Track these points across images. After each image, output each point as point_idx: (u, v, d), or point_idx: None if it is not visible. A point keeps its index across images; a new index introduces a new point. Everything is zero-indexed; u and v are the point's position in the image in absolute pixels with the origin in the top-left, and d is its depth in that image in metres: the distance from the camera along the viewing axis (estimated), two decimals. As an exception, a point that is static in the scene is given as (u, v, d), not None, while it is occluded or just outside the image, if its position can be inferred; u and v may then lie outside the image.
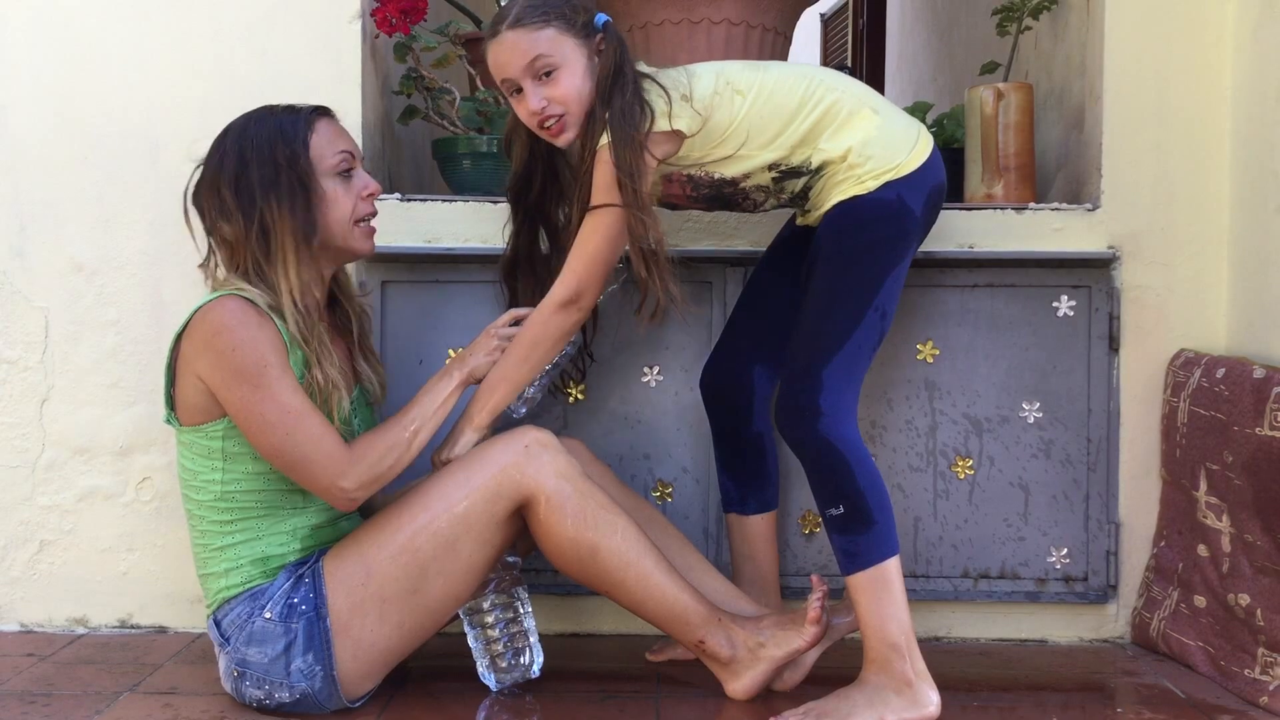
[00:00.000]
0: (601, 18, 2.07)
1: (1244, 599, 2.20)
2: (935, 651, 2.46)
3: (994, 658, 2.44)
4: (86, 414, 2.55)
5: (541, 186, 2.25)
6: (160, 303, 2.52)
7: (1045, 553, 2.52)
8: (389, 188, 2.69)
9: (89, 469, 2.55)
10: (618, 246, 2.07)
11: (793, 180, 2.13)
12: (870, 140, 2.08)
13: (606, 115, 2.02)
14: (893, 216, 2.08)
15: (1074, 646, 2.52)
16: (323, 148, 2.06)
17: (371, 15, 2.55)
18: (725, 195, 2.17)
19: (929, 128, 2.81)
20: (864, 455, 2.02)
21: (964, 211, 2.54)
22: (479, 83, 2.74)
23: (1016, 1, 2.74)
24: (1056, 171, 2.77)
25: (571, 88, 2.03)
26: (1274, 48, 2.35)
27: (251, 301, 1.98)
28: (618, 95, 2.02)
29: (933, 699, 1.99)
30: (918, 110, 2.85)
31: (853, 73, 4.27)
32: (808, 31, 8.17)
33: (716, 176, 2.13)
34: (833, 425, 2.01)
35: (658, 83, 2.06)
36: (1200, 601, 2.33)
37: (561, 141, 2.10)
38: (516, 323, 2.16)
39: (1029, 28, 2.77)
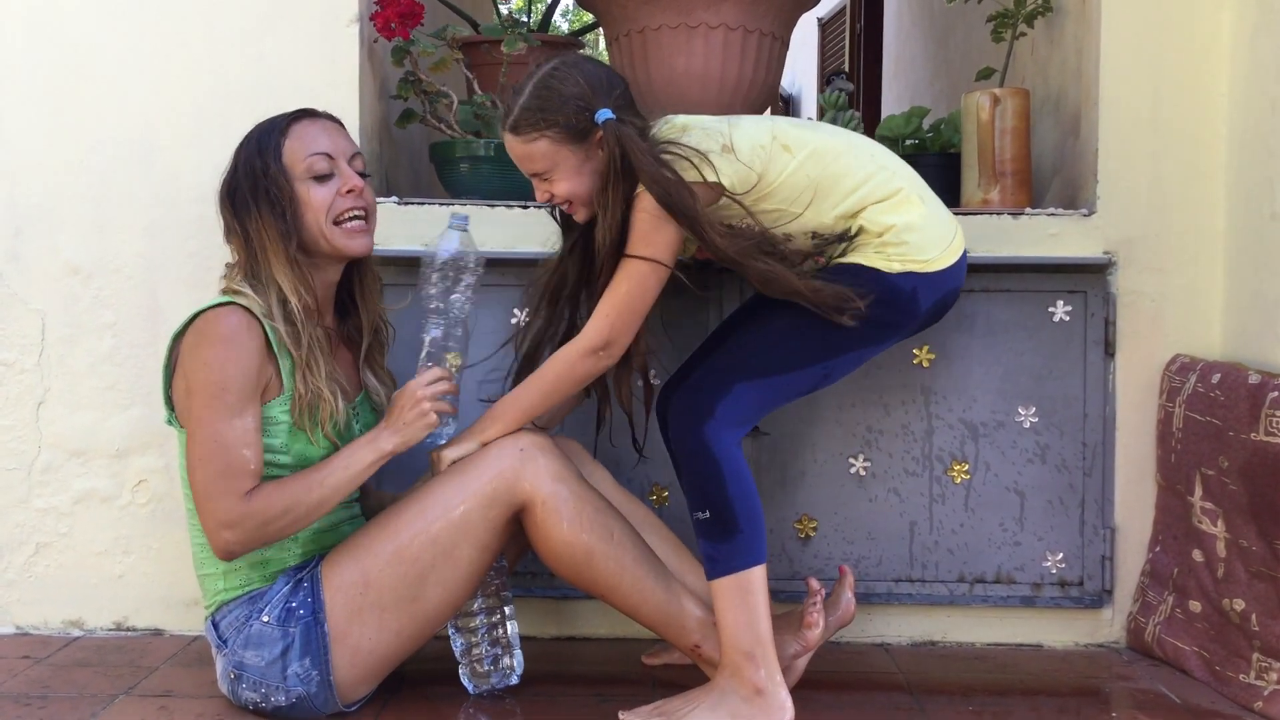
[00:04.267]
0: (601, 115, 2.02)
1: (1239, 604, 2.20)
2: (930, 656, 2.47)
3: (989, 662, 2.44)
4: (83, 417, 2.55)
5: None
6: (157, 306, 2.52)
7: (1041, 557, 2.52)
8: (386, 191, 2.69)
9: (85, 471, 2.55)
10: (651, 297, 2.04)
11: (832, 246, 2.09)
12: (912, 226, 2.05)
13: (620, 191, 2.01)
14: (898, 305, 2.06)
15: (1069, 651, 2.52)
16: (295, 153, 2.06)
17: (371, 20, 2.55)
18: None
19: (925, 132, 2.83)
20: (740, 467, 2.02)
21: (960, 216, 2.53)
22: (476, 86, 2.75)
23: (1011, 8, 2.75)
24: (1052, 177, 2.77)
25: (569, 188, 2.05)
26: (1269, 55, 2.35)
27: (248, 310, 2.00)
28: (631, 177, 2.00)
29: (786, 711, 1.98)
30: (915, 115, 2.85)
31: (849, 78, 4.27)
32: (805, 35, 8.17)
33: (757, 230, 2.07)
34: (717, 431, 2.01)
35: (685, 148, 2.01)
36: (1195, 606, 2.33)
37: (579, 219, 2.12)
38: (441, 383, 2.07)
39: (1024, 34, 2.78)
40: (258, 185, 2.05)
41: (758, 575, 2.01)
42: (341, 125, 2.15)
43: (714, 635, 2.08)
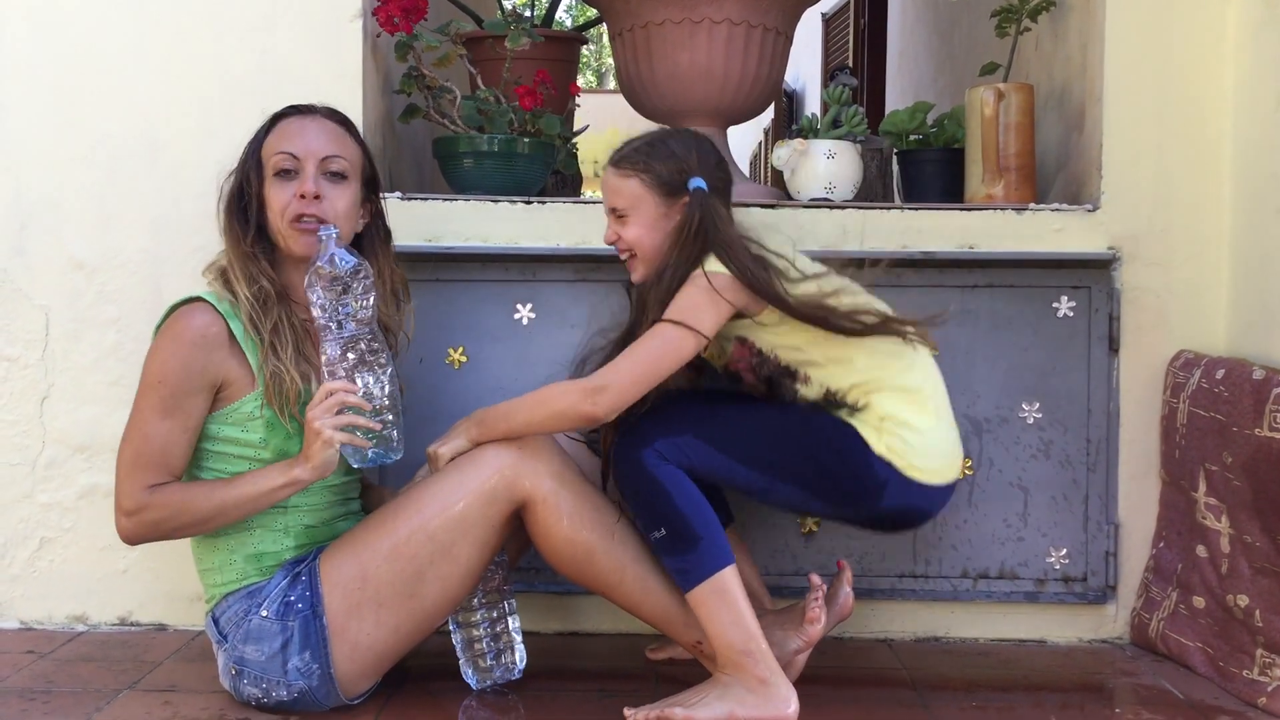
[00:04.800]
0: (695, 182, 2.10)
1: (1243, 600, 2.20)
2: (934, 651, 2.47)
3: (993, 658, 2.44)
4: (87, 412, 2.55)
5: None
6: (160, 301, 2.51)
7: (1044, 553, 2.52)
8: (390, 186, 2.68)
9: (89, 466, 2.55)
10: (671, 365, 2.04)
11: (838, 409, 2.11)
12: (914, 429, 2.08)
13: (684, 256, 2.06)
14: (862, 483, 2.08)
15: (1073, 647, 2.52)
16: (269, 149, 2.08)
17: (374, 14, 2.55)
18: (783, 387, 2.15)
19: (929, 128, 2.82)
20: (681, 478, 2.02)
21: (964, 212, 2.54)
22: (480, 82, 2.74)
23: (1015, 3, 2.74)
24: (1057, 172, 2.77)
25: (637, 235, 2.13)
26: (1274, 50, 2.35)
27: (216, 307, 2.02)
28: (698, 250, 2.06)
29: (791, 700, 1.99)
30: (919, 111, 2.85)
31: (852, 73, 4.25)
32: (809, 31, 8.16)
33: (783, 363, 2.13)
34: (652, 458, 2.02)
35: (764, 247, 2.10)
36: (1199, 602, 2.33)
37: (634, 278, 2.18)
38: (341, 408, 1.96)
39: (1028, 29, 2.77)
40: (235, 177, 2.10)
41: (730, 575, 2.01)
42: (337, 124, 2.13)
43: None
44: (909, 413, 2.09)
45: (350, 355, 1.99)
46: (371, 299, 2.01)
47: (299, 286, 2.10)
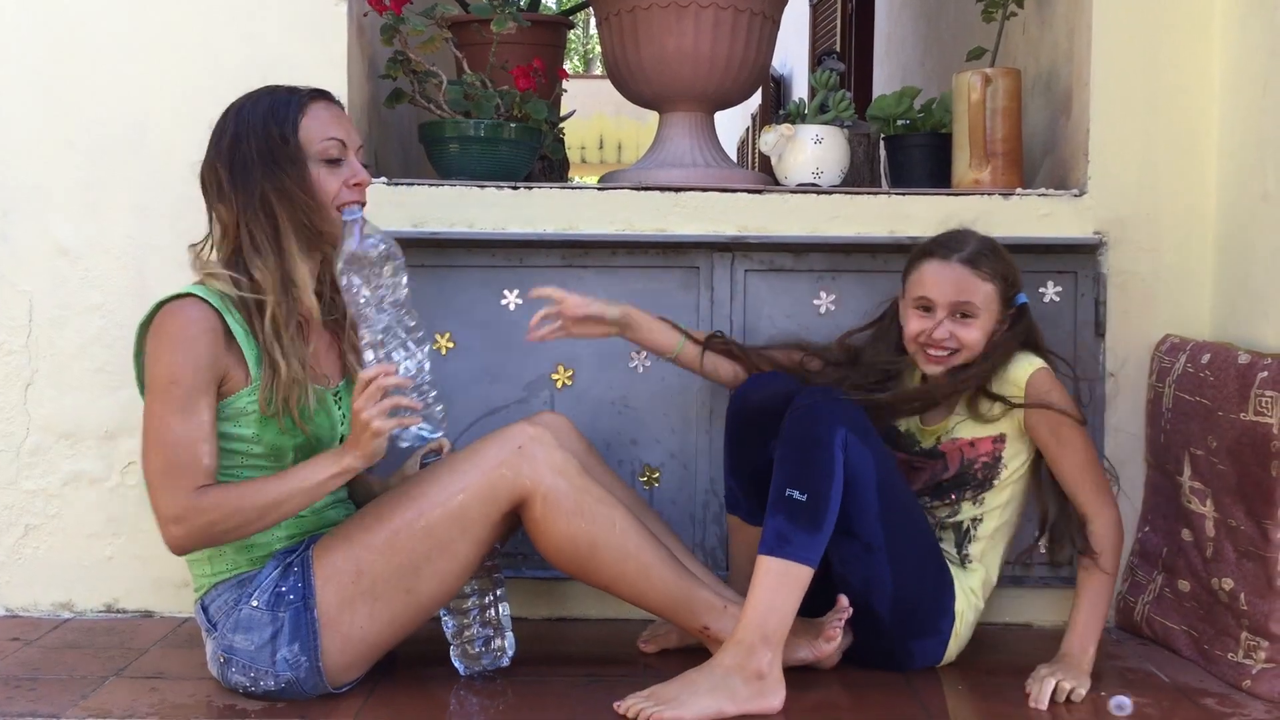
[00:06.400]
0: (1022, 298, 2.24)
1: (1227, 583, 2.21)
2: (921, 636, 2.47)
3: (979, 641, 2.43)
4: (71, 398, 2.54)
5: None
6: (145, 287, 2.51)
7: (1030, 536, 2.52)
8: (375, 172, 2.67)
9: (74, 453, 2.54)
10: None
11: (958, 546, 2.28)
12: (975, 612, 2.27)
13: (998, 357, 2.19)
14: (928, 619, 2.21)
15: (1058, 630, 2.51)
16: (312, 132, 2.02)
17: (362, -6, 2.55)
18: (941, 497, 2.28)
19: (916, 113, 2.82)
20: (842, 480, 2.06)
21: (951, 197, 2.54)
22: (466, 66, 2.73)
23: (1001, -13, 2.74)
24: (1043, 157, 2.77)
25: (976, 339, 2.19)
26: (1260, 36, 2.35)
27: (208, 301, 1.97)
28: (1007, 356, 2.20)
29: (779, 693, 2.01)
30: (906, 95, 2.84)
31: (840, 58, 4.25)
32: (796, 15, 8.15)
33: (984, 477, 2.25)
34: (840, 449, 2.05)
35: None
36: (1184, 586, 2.34)
37: (933, 368, 2.21)
38: (385, 392, 1.92)
39: (1014, 14, 2.77)
40: (274, 153, 2.00)
41: (808, 576, 2.03)
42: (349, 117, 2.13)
43: (723, 616, 2.08)
44: (980, 599, 2.26)
45: (387, 338, 1.98)
46: (404, 279, 2.00)
47: (300, 276, 2.04)
